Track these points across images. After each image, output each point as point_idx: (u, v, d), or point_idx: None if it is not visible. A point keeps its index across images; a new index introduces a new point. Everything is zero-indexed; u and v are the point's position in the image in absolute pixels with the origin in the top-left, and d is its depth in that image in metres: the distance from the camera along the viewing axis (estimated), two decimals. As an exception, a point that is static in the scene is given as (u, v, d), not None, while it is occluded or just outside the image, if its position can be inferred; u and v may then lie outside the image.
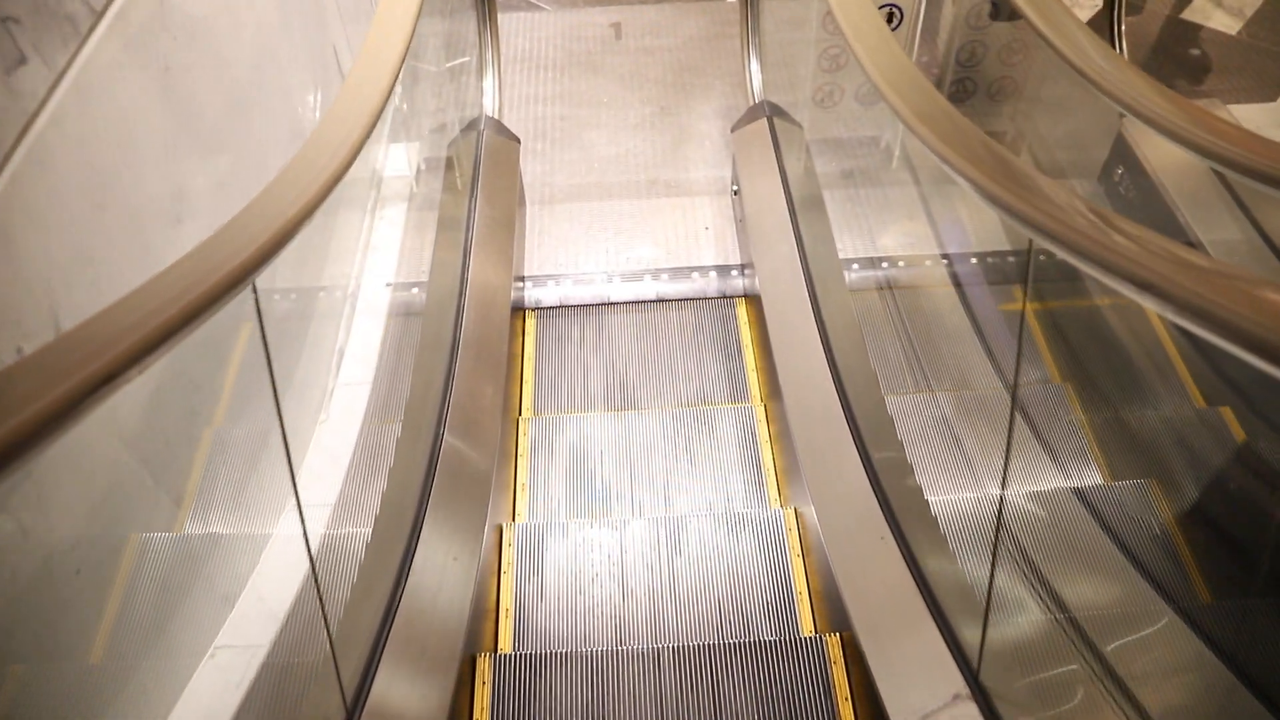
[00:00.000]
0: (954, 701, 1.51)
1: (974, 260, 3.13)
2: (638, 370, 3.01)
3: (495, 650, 2.09)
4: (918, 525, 1.80)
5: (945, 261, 3.07)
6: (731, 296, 3.28)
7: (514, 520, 2.48)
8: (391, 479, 2.24)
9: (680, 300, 3.28)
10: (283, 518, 1.88)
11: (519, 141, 3.35)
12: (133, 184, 1.52)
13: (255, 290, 1.21)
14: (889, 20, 2.76)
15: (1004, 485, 1.52)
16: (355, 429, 2.44)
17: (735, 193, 3.37)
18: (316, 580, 1.41)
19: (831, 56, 2.80)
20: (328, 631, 1.49)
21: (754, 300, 3.06)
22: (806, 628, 2.07)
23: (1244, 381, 2.29)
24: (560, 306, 3.28)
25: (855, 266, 3.06)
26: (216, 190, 1.95)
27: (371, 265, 2.89)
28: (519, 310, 3.22)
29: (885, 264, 3.03)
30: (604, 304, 3.28)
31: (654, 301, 3.28)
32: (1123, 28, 3.40)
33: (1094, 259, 0.93)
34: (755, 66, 3.52)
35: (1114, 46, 3.26)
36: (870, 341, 2.69)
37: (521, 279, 3.30)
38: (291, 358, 2.45)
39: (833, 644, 1.90)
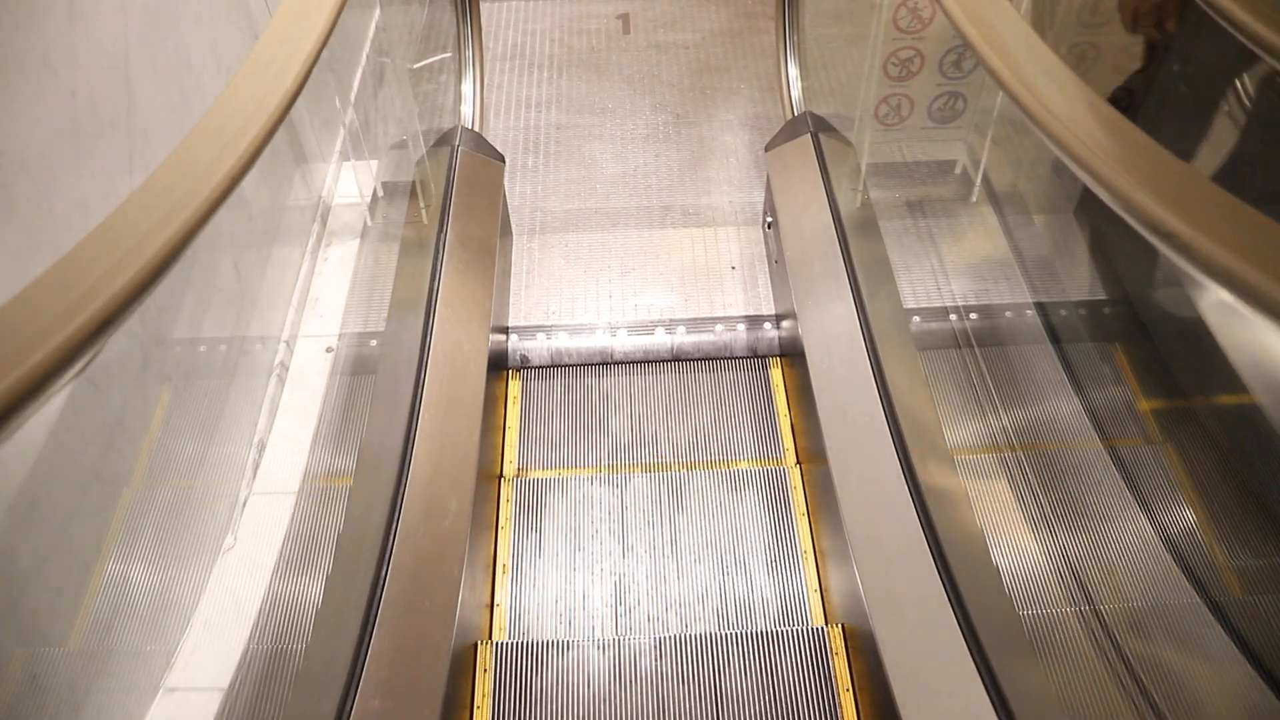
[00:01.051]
0: None
1: (1064, 313, 2.50)
2: (653, 464, 2.38)
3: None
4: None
5: (1038, 314, 2.44)
6: (764, 355, 2.65)
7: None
8: (313, 648, 1.62)
9: (701, 359, 2.65)
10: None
11: (503, 160, 2.72)
12: None
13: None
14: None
15: None
16: (271, 561, 1.81)
17: (769, 225, 2.74)
18: None
19: (902, 61, 2.18)
20: None
21: (794, 363, 2.43)
22: None
23: None
24: (552, 366, 2.66)
25: (925, 325, 2.43)
26: (35, 250, 1.31)
27: (309, 323, 2.26)
28: (501, 370, 2.60)
29: (963, 321, 2.40)
30: (606, 363, 2.65)
31: (669, 360, 2.65)
32: None
33: None
34: (794, 71, 2.88)
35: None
36: (957, 441, 2.07)
37: (505, 330, 2.68)
38: (190, 459, 1.83)
39: None
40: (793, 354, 2.49)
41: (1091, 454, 2.22)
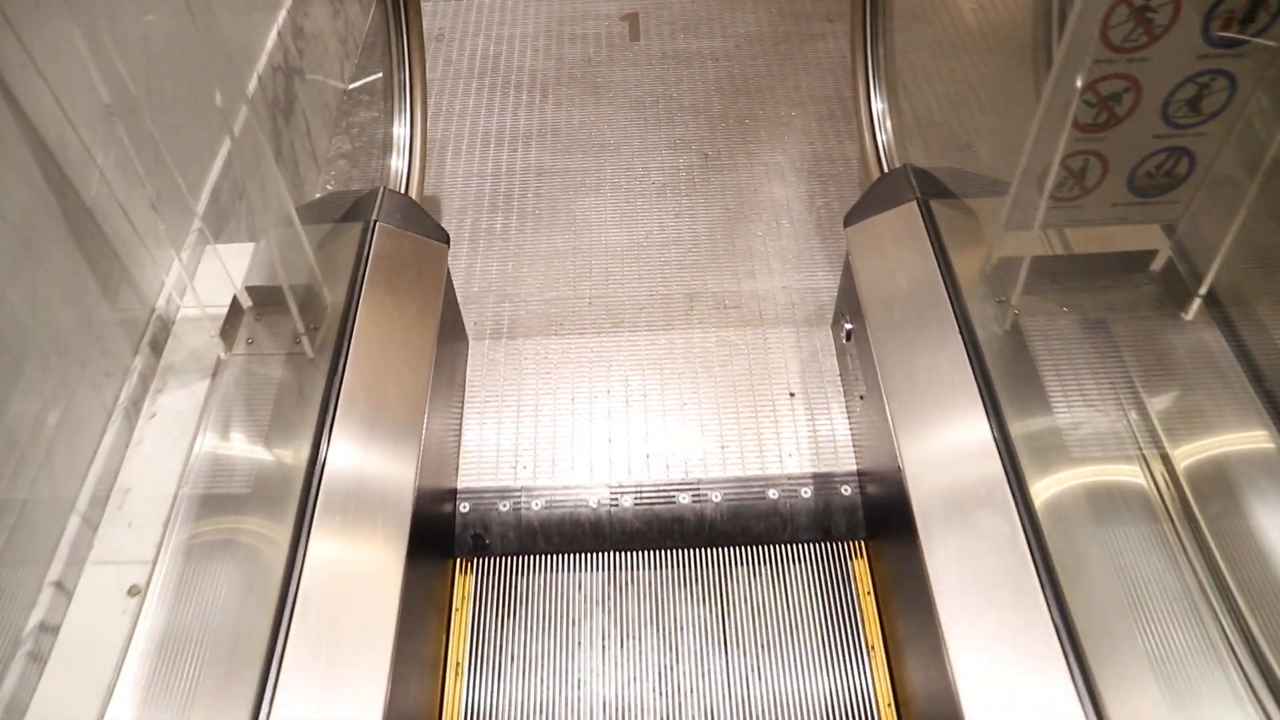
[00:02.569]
0: None
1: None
2: None
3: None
4: None
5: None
6: (841, 538, 1.74)
7: None
8: None
9: (747, 544, 1.74)
10: None
11: (447, 241, 1.81)
12: None
13: None
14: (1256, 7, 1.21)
15: None
16: None
17: (847, 336, 1.82)
18: None
19: (1104, 98, 1.27)
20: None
21: (895, 559, 1.53)
22: None
23: None
24: (520, 553, 1.75)
25: (1118, 520, 1.50)
26: None
27: (107, 540, 1.36)
28: (443, 559, 1.71)
29: (1187, 518, 1.47)
30: (601, 549, 1.75)
31: (698, 545, 1.74)
32: None
33: None
34: (880, 103, 1.96)
35: None
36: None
37: (450, 496, 1.78)
38: None
39: None
40: (892, 537, 1.58)
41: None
